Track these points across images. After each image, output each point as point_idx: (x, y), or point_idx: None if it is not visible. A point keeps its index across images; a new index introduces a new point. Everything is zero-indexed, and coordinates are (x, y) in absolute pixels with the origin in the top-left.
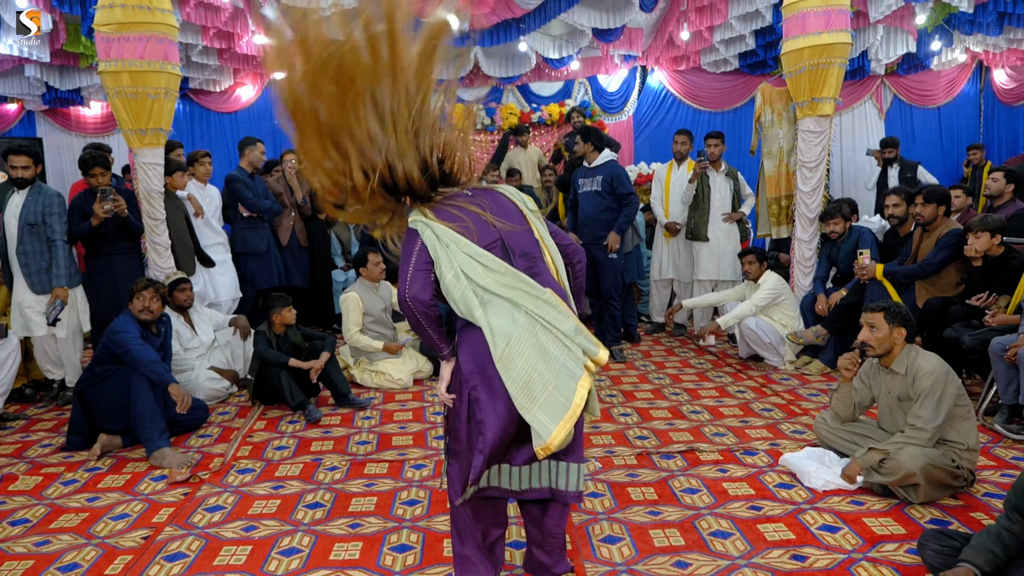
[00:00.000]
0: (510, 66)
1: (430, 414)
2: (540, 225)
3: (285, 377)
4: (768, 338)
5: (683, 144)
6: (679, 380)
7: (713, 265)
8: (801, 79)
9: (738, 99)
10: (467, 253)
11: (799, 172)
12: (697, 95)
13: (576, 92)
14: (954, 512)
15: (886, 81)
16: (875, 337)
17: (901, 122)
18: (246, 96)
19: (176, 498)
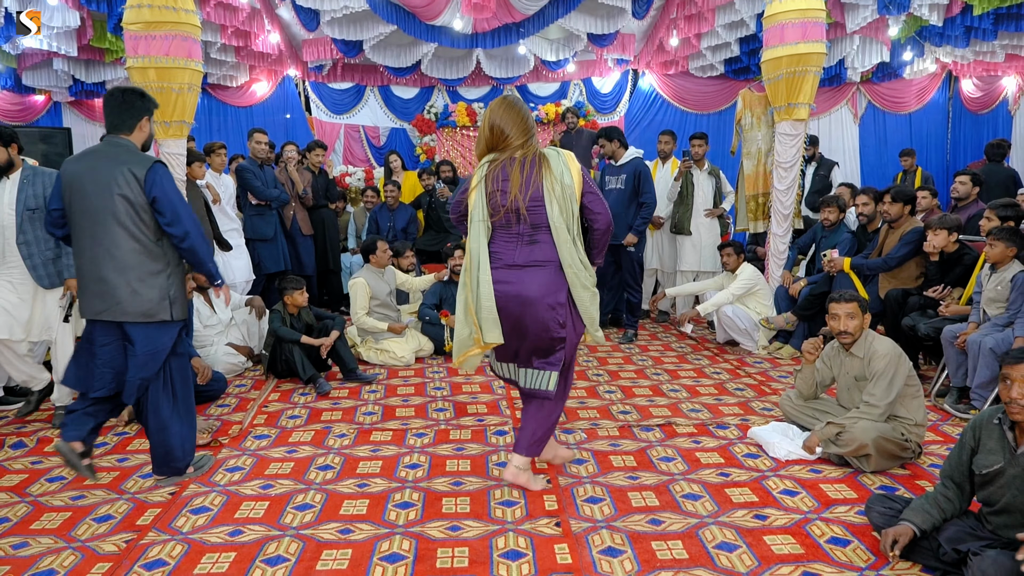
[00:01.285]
0: (509, 67)
1: (430, 389)
2: (558, 200)
3: (297, 353)
4: (743, 324)
5: (667, 144)
6: (661, 362)
7: (695, 257)
8: (779, 85)
9: (723, 102)
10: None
11: (775, 172)
12: (685, 98)
13: (571, 93)
14: (901, 480)
15: (861, 88)
16: (854, 325)
17: (875, 127)
18: (261, 91)
19: None
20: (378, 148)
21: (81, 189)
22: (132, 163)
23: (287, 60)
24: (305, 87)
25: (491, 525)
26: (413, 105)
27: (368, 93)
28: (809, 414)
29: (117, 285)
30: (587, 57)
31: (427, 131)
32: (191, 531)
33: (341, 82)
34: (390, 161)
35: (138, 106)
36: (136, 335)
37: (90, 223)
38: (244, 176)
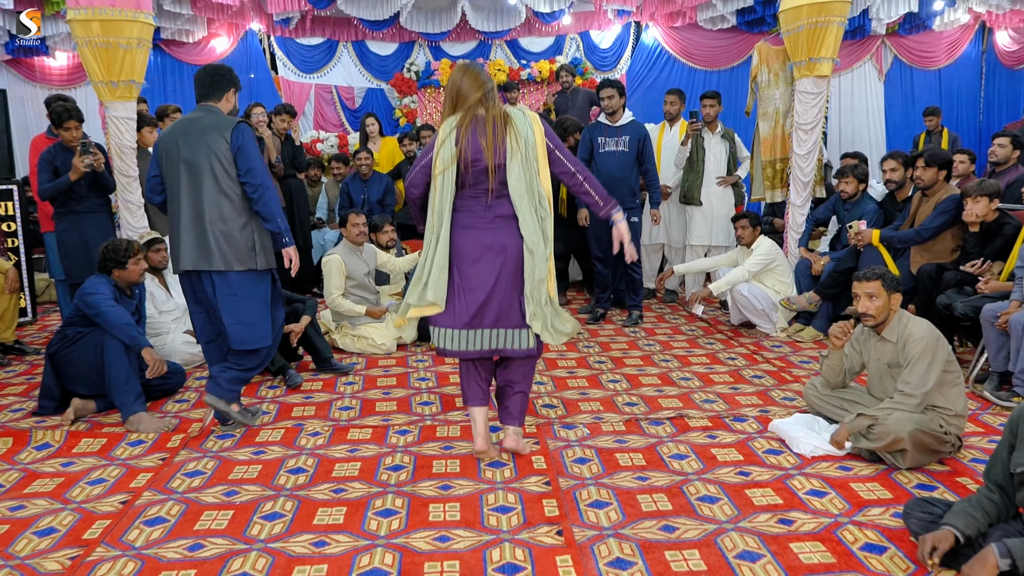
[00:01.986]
0: (498, 20)
1: (414, 380)
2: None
3: None
4: (760, 304)
5: (673, 104)
6: (669, 347)
7: (706, 230)
8: (799, 38)
9: (735, 58)
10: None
11: (795, 135)
12: (693, 53)
13: (567, 48)
14: (940, 477)
15: (887, 41)
16: (875, 306)
17: (901, 84)
18: (221, 48)
19: (154, 463)
20: (353, 111)
21: (175, 153)
22: (222, 125)
23: (250, 12)
24: (270, 43)
25: (484, 535)
26: (391, 63)
27: (341, 49)
28: (837, 405)
29: (211, 237)
30: (585, 8)
31: (407, 92)
32: (145, 545)
33: (310, 37)
34: (366, 125)
35: (228, 78)
36: (231, 282)
37: (187, 181)
38: None
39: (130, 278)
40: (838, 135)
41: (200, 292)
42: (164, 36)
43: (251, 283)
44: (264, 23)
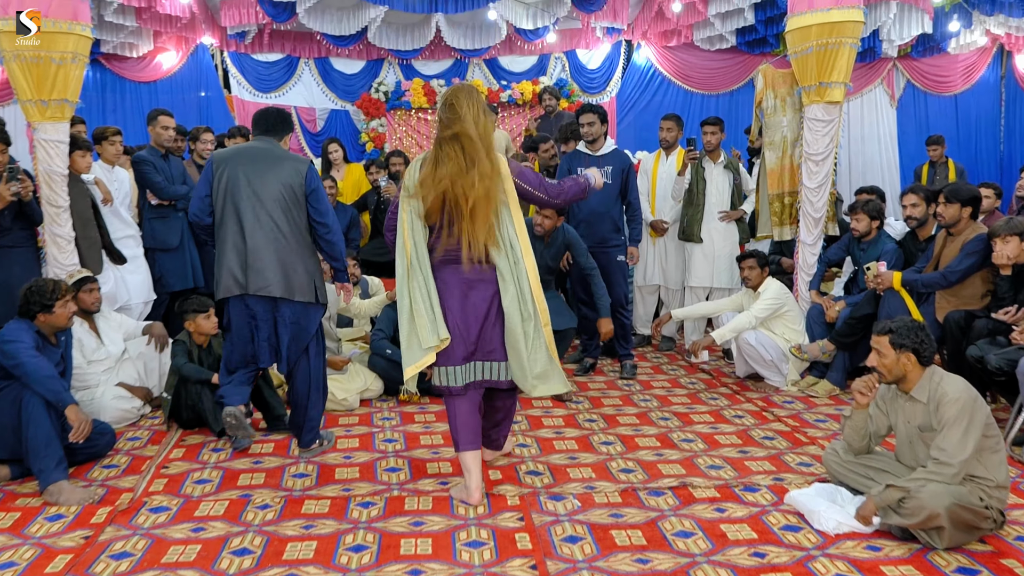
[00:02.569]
0: (477, 37)
1: (380, 441)
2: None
3: (208, 396)
4: (769, 354)
5: (670, 131)
6: (668, 402)
7: (706, 270)
8: (807, 61)
9: (735, 81)
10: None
11: (804, 166)
12: (689, 75)
13: (552, 69)
14: (983, 559)
15: (899, 64)
16: (882, 364)
17: (915, 110)
18: (168, 63)
19: (75, 543)
20: (314, 135)
21: (239, 177)
22: (295, 159)
23: (201, 25)
24: (223, 59)
25: None
26: (358, 82)
27: (302, 67)
28: (862, 473)
29: (278, 264)
30: (571, 25)
31: (375, 114)
32: None
33: (268, 53)
34: (329, 151)
35: (289, 124)
36: (290, 311)
37: (252, 207)
38: (142, 169)
39: (57, 323)
40: (847, 166)
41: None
42: (105, 50)
43: (307, 314)
44: (217, 37)
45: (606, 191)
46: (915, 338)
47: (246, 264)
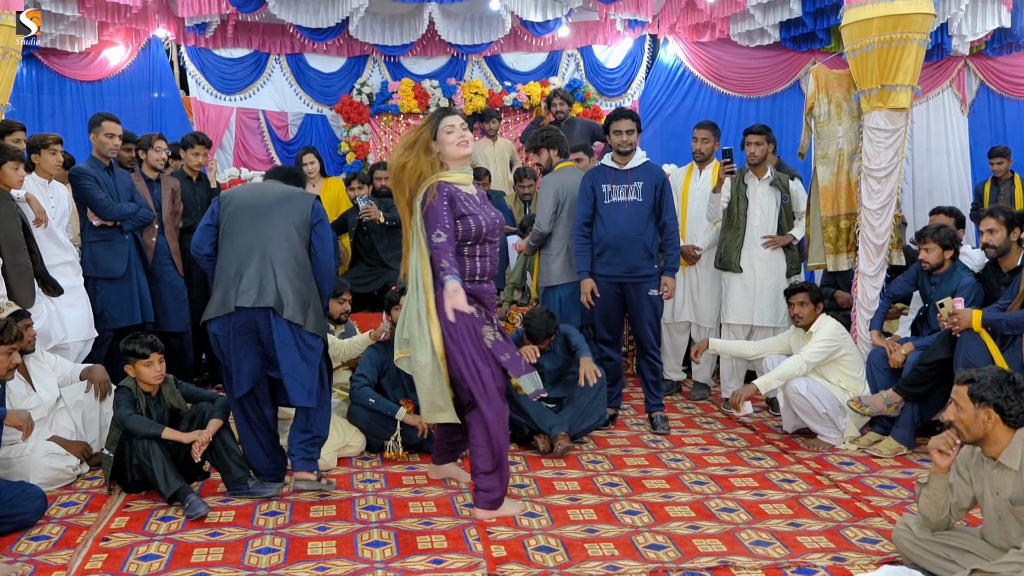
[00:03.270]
0: (476, 31)
1: (360, 509)
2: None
3: (157, 454)
4: (823, 407)
5: (705, 141)
6: (703, 463)
7: (746, 305)
8: (868, 60)
9: (778, 82)
10: None
11: (864, 183)
12: (724, 75)
13: (564, 67)
14: None
15: (971, 64)
16: (960, 419)
17: (990, 117)
18: (115, 59)
19: None
20: (286, 143)
21: (246, 208)
22: (303, 193)
23: (154, 16)
24: (180, 54)
25: None
26: (337, 82)
27: (272, 64)
28: (941, 554)
29: (273, 283)
30: (587, 17)
31: (357, 119)
32: None
33: (233, 48)
34: (303, 163)
35: (302, 180)
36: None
37: (256, 233)
38: (82, 184)
39: None
40: (911, 182)
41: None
42: (42, 43)
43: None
44: (173, 30)
45: (636, 211)
46: (999, 392)
47: (240, 282)
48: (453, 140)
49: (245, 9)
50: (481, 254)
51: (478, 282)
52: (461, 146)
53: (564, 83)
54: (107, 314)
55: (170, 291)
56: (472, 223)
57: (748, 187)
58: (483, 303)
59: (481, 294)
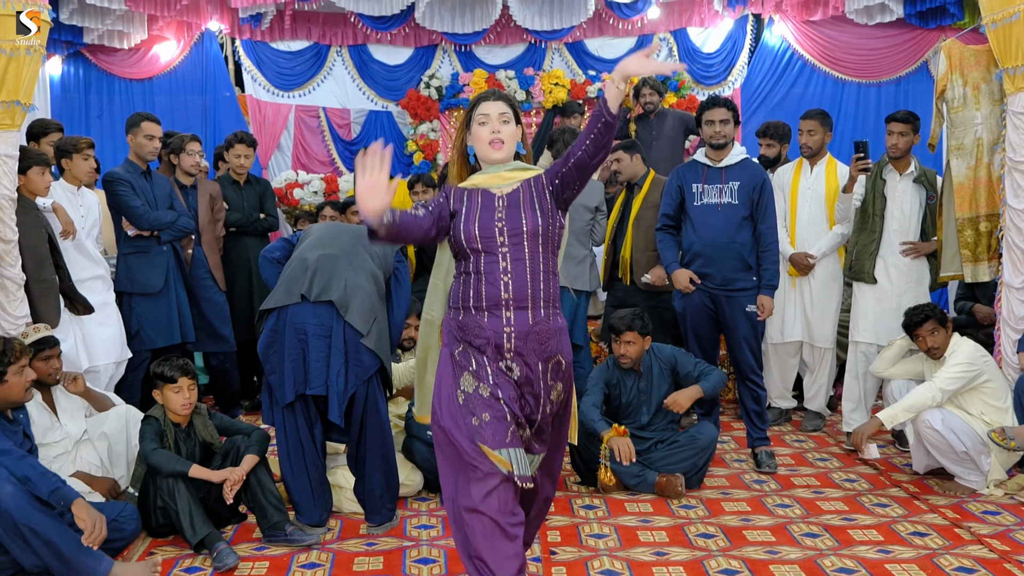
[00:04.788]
0: (556, 14)
1: (412, 560)
2: None
3: (183, 495)
4: (962, 444)
5: (812, 134)
6: (816, 509)
7: (880, 322)
8: (1012, 32)
9: (903, 64)
10: None
11: (1008, 178)
12: (839, 58)
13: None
14: None
15: None
16: None
17: None
18: (167, 56)
19: None
20: (348, 143)
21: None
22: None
23: (206, 6)
24: (235, 48)
25: None
26: (404, 75)
27: (333, 57)
28: None
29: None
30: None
31: (425, 115)
32: None
33: (291, 40)
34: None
35: None
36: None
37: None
38: (116, 190)
39: (8, 396)
40: None
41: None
42: (88, 40)
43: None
44: (227, 22)
45: (730, 214)
46: None
47: (309, 276)
48: (484, 136)
49: None
50: (475, 270)
51: (472, 311)
52: (493, 146)
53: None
54: (143, 333)
55: (211, 307)
56: (461, 226)
57: (887, 183)
58: (475, 341)
59: (476, 329)
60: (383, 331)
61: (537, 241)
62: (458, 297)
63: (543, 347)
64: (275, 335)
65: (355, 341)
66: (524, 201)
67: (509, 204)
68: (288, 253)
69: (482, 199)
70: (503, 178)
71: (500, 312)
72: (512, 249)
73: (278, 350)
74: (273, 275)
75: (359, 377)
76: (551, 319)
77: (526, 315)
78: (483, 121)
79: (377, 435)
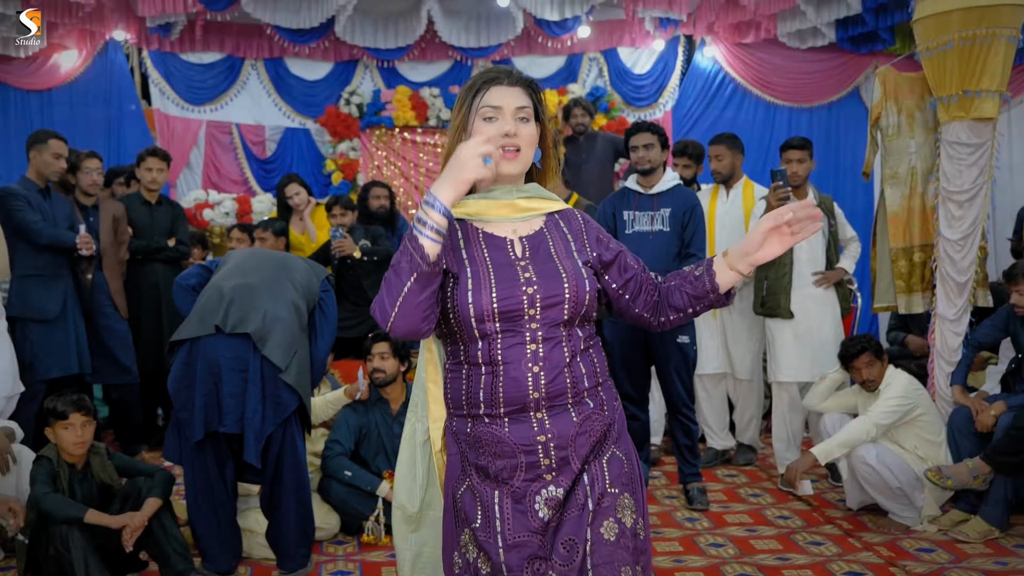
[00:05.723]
0: (483, 32)
1: None
2: None
3: (78, 543)
4: (896, 480)
5: (720, 159)
6: (749, 549)
7: (805, 358)
8: (946, 61)
9: (835, 89)
10: None
11: (942, 208)
12: (772, 82)
13: (585, 73)
14: None
15: None
16: None
17: None
18: (67, 65)
19: None
20: (263, 161)
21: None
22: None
23: (111, 14)
24: (142, 59)
25: None
26: (322, 91)
27: (247, 70)
28: None
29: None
30: (611, 15)
31: (345, 133)
32: None
33: (202, 52)
34: (287, 194)
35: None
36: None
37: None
38: (10, 205)
39: None
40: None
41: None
42: None
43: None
44: (133, 31)
45: (663, 243)
46: None
47: (225, 306)
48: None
49: (215, 7)
50: (486, 360)
51: (484, 419)
52: (506, 157)
53: (585, 91)
54: (37, 363)
55: (112, 336)
56: (461, 297)
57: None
58: (492, 465)
59: (493, 445)
60: (304, 366)
61: (576, 310)
62: (459, 399)
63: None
64: (187, 368)
65: (273, 376)
66: (558, 250)
67: (534, 253)
68: (205, 280)
69: (487, 246)
70: (516, 208)
71: (529, 416)
72: (544, 322)
73: (189, 384)
74: (187, 304)
75: (278, 416)
76: (604, 406)
77: (568, 413)
78: (491, 116)
79: (293, 476)
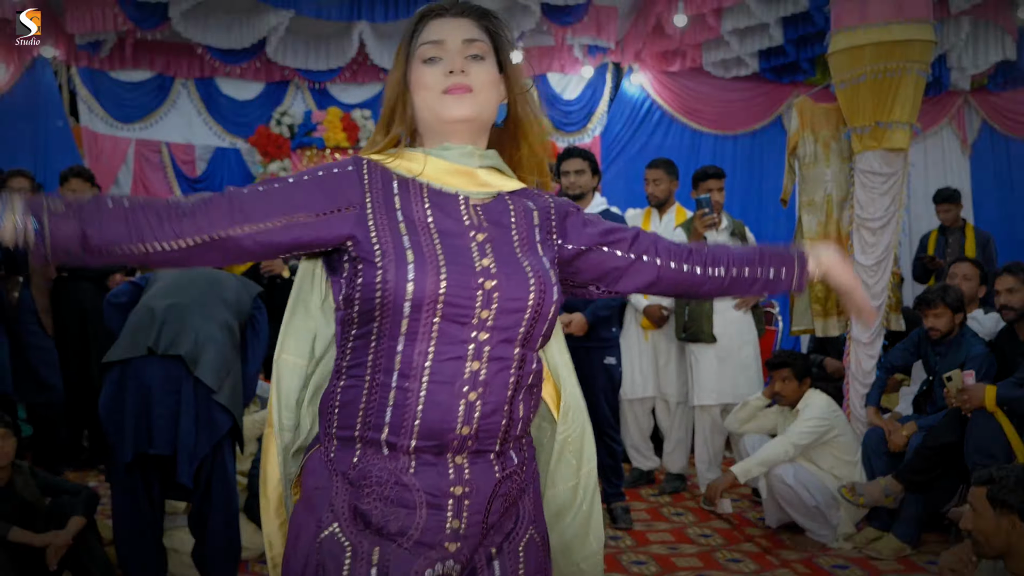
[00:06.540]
0: None
1: None
2: None
3: (1, 560)
4: (813, 499)
5: (657, 183)
6: (670, 566)
7: (726, 380)
8: (859, 93)
9: (757, 118)
10: None
11: (856, 235)
12: (697, 109)
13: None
14: None
15: (971, 100)
16: (978, 528)
17: (993, 157)
18: None
19: None
20: (193, 180)
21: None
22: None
23: (40, 32)
24: (70, 77)
25: None
26: (253, 111)
27: (178, 89)
28: None
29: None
30: (541, 42)
31: (276, 153)
32: None
33: (132, 70)
34: None
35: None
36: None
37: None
38: None
39: None
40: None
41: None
42: None
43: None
44: (62, 48)
45: None
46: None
47: (157, 327)
48: (432, 81)
49: (145, 25)
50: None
51: (383, 447)
52: (452, 94)
53: None
54: None
55: (36, 354)
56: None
57: (707, 239)
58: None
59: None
60: (236, 386)
61: (537, 327)
62: (354, 417)
63: (509, 520)
64: (119, 389)
65: (207, 397)
66: (522, 238)
67: (493, 231)
68: (135, 298)
69: (431, 204)
70: (475, 180)
71: (446, 459)
72: (496, 334)
73: (119, 406)
74: (119, 322)
75: (212, 437)
76: (525, 464)
77: (490, 465)
78: (432, 55)
79: (223, 495)
